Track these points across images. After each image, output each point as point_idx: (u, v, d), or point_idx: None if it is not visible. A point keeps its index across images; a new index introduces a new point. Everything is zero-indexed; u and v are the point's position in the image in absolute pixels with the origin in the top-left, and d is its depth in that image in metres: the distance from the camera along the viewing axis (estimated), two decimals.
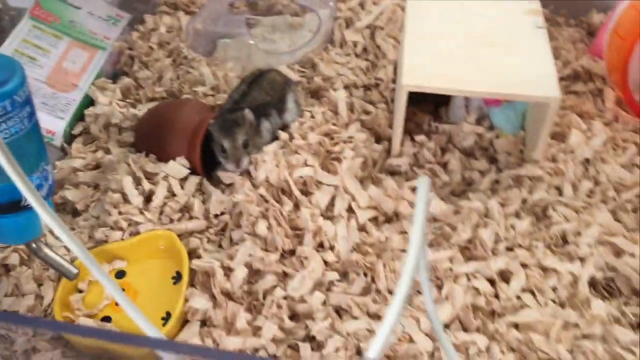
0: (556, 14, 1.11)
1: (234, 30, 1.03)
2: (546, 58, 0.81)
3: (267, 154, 0.79)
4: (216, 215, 0.78)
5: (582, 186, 0.81)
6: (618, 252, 0.73)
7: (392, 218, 0.78)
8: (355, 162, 0.79)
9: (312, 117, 0.88)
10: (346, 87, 0.96)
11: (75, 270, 0.67)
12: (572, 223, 0.75)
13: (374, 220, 0.77)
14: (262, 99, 0.85)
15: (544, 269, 0.71)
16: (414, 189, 0.80)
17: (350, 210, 0.77)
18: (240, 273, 0.69)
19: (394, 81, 0.96)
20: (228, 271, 0.70)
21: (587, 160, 0.84)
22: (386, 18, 1.05)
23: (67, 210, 0.79)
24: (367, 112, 0.92)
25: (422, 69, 0.79)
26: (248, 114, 0.80)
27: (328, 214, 0.77)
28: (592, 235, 0.74)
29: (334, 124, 0.87)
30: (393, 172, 0.85)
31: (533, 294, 0.69)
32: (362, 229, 0.76)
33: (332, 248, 0.74)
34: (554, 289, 0.70)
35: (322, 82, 0.96)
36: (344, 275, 0.73)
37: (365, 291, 0.70)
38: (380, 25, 1.04)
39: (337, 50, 1.03)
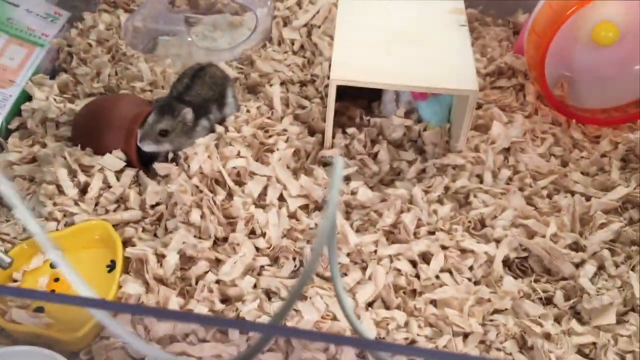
0: (485, 13, 1.17)
1: (173, 28, 1.06)
2: (467, 54, 0.86)
3: (199, 146, 0.81)
4: (152, 206, 0.80)
5: (501, 174, 0.86)
6: (531, 234, 0.78)
7: (322, 206, 0.81)
8: (287, 153, 0.82)
9: (248, 111, 0.91)
10: (283, 83, 1.00)
11: (8, 260, 0.68)
12: (489, 208, 0.80)
13: (305, 208, 0.81)
14: (204, 94, 0.88)
15: (462, 250, 0.76)
16: (344, 178, 0.84)
17: (281, 199, 0.80)
18: (173, 259, 0.72)
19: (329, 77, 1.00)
20: (161, 258, 0.73)
21: (507, 150, 0.90)
22: (322, 17, 1.08)
23: (2, 204, 0.80)
24: (302, 107, 0.96)
25: (350, 64, 0.83)
26: (187, 113, 0.82)
27: (260, 202, 0.80)
28: (507, 218, 0.79)
29: (268, 118, 0.91)
30: (325, 164, 0.88)
31: (451, 273, 0.74)
32: (292, 216, 0.79)
33: (263, 235, 0.77)
34: (471, 269, 0.75)
35: (259, 78, 0.99)
36: (275, 260, 0.76)
37: (294, 274, 0.74)
38: (317, 23, 1.08)
39: (275, 48, 1.06)
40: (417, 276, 0.74)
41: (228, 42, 1.08)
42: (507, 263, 0.77)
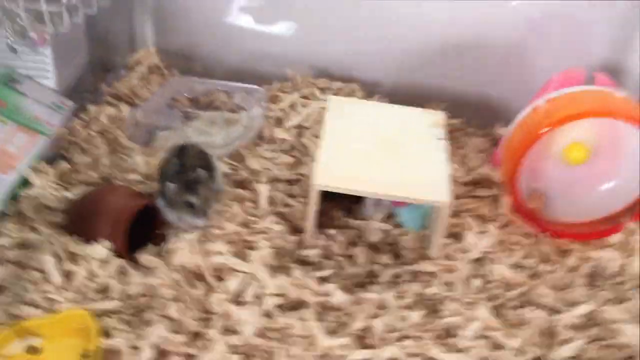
0: (468, 124, 1.24)
1: (171, 123, 1.12)
2: (442, 167, 0.92)
3: (183, 240, 0.85)
4: (133, 297, 0.83)
5: (472, 283, 0.90)
6: (497, 346, 0.81)
7: (298, 305, 0.84)
8: (267, 252, 0.86)
9: (231, 208, 0.95)
10: (271, 180, 1.05)
11: None
12: (458, 318, 0.83)
13: (280, 306, 0.84)
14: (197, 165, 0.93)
15: (430, 359, 0.78)
16: (320, 279, 0.87)
17: (258, 296, 0.83)
18: (147, 354, 0.74)
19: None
20: (135, 350, 0.75)
21: (479, 260, 0.94)
22: (313, 120, 1.15)
23: None
24: (287, 205, 1.00)
25: (332, 170, 0.89)
26: (201, 172, 0.91)
27: (238, 299, 0.83)
28: (474, 329, 0.82)
29: (253, 215, 0.95)
30: (304, 262, 0.92)
31: None
32: (267, 315, 0.82)
33: (236, 332, 0.79)
34: None
35: (249, 175, 1.04)
36: (247, 358, 0.78)
37: None
38: (307, 125, 1.15)
39: (266, 146, 1.12)
40: None
41: (223, 137, 1.14)
42: None
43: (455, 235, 0.97)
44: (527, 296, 0.89)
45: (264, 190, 1.01)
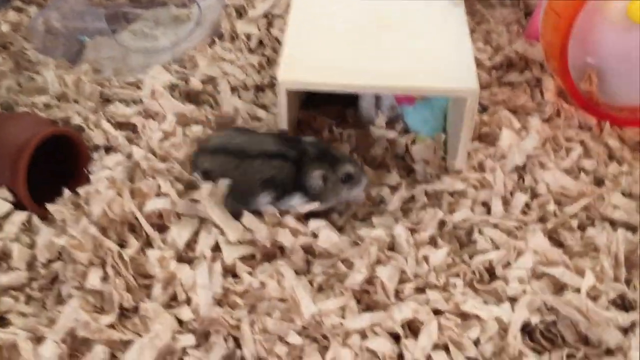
0: None
1: (99, 26, 0.85)
2: (463, 42, 0.65)
3: (102, 180, 0.61)
4: (44, 264, 0.60)
5: (515, 200, 0.64)
6: (559, 288, 0.57)
7: (273, 254, 0.60)
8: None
9: (176, 130, 0.70)
10: (234, 88, 0.79)
11: None
12: (501, 252, 0.59)
13: (249, 259, 0.60)
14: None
15: (464, 316, 0.54)
16: (303, 216, 0.62)
17: (217, 248, 0.59)
18: (48, 349, 0.51)
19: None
20: (40, 344, 0.52)
21: (521, 167, 0.68)
22: (285, 4, 0.87)
23: None
24: (257, 118, 0.75)
25: (304, 61, 0.62)
26: None
27: (189, 255, 0.59)
28: (525, 266, 0.57)
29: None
30: None
31: (448, 351, 0.52)
32: (230, 272, 0.58)
33: (188, 301, 0.56)
34: (476, 343, 0.53)
35: (203, 84, 0.78)
36: (204, 337, 0.55)
37: None
38: (278, 12, 0.87)
39: (226, 45, 0.85)
40: (401, 357, 0.52)
41: (171, 40, 0.88)
42: (527, 331, 0.55)
43: (485, 138, 0.72)
44: (593, 210, 0.64)
45: (225, 100, 0.75)
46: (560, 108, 0.76)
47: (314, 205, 0.61)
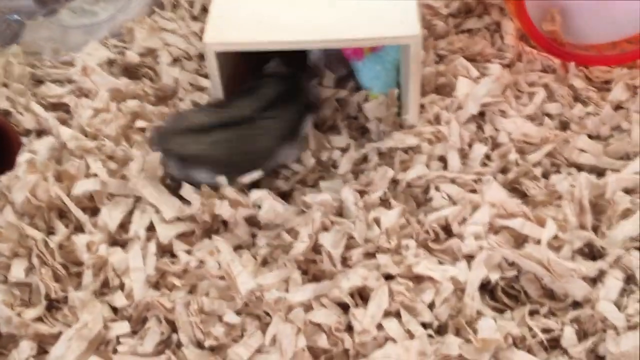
0: None
1: (36, 4, 0.81)
2: None
3: (21, 165, 0.57)
4: None
5: (474, 152, 0.60)
6: (519, 241, 0.52)
7: (215, 229, 0.56)
8: (154, 161, 0.57)
9: (117, 104, 0.65)
10: (176, 59, 0.74)
11: None
12: (455, 208, 0.54)
13: (187, 236, 0.56)
14: None
15: (417, 279, 0.50)
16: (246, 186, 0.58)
17: (152, 228, 0.55)
18: None
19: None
20: None
21: (480, 116, 0.63)
22: None
23: None
24: (200, 89, 0.70)
25: (233, 21, 0.57)
26: None
27: (122, 237, 0.55)
28: (482, 220, 0.53)
29: (141, 114, 0.65)
30: None
31: (400, 318, 0.49)
32: (166, 251, 0.54)
33: (122, 287, 0.52)
34: (431, 306, 0.49)
35: (141, 56, 0.73)
36: (141, 323, 0.51)
37: (161, 349, 0.49)
38: None
39: (167, 14, 0.80)
40: (349, 328, 0.49)
41: (110, 13, 0.83)
42: (487, 289, 0.51)
43: (442, 89, 0.67)
44: (559, 156, 0.60)
45: (164, 72, 0.70)
46: (522, 52, 0.71)
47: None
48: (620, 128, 0.63)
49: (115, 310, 0.51)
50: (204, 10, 0.81)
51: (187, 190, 0.56)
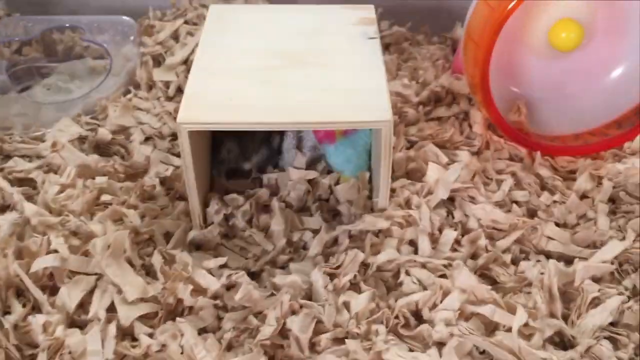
0: (415, 31, 0.94)
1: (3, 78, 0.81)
2: (377, 75, 0.61)
3: None
4: None
5: (444, 237, 0.60)
6: (490, 328, 0.52)
7: (180, 311, 0.54)
8: (121, 238, 0.56)
9: (84, 180, 0.64)
10: (148, 137, 0.74)
11: None
12: (426, 293, 0.54)
13: (151, 317, 0.53)
14: None
15: None
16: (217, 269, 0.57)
17: (112, 308, 0.53)
18: None
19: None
20: None
21: (450, 201, 0.64)
22: None
23: None
24: (173, 167, 0.70)
25: (209, 100, 0.58)
26: None
27: (82, 317, 0.53)
28: (452, 306, 0.52)
29: (112, 192, 0.64)
30: (199, 246, 0.62)
31: None
32: (127, 333, 0.52)
33: None
34: None
35: (114, 134, 0.73)
36: None
37: None
38: None
39: (142, 94, 0.81)
40: None
41: (85, 92, 0.83)
42: None
43: (413, 174, 0.68)
44: (527, 243, 0.60)
45: (136, 149, 0.70)
46: (490, 140, 0.73)
47: None
48: (586, 216, 0.64)
49: None
50: (179, 91, 0.82)
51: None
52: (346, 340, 0.50)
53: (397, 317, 0.52)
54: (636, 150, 0.69)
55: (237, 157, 0.67)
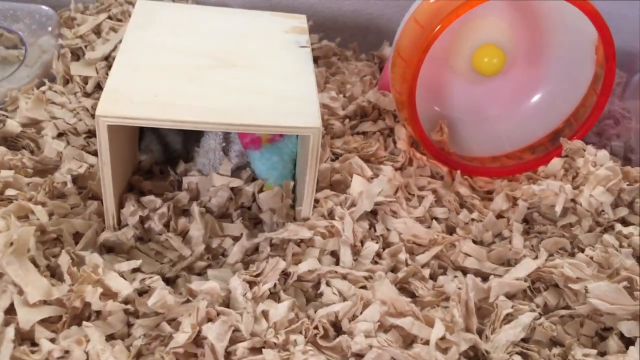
0: (344, 46, 0.95)
1: None
2: (307, 82, 0.61)
3: None
4: None
5: (366, 250, 0.60)
6: (409, 340, 0.52)
7: (87, 315, 0.51)
8: (25, 235, 0.52)
9: None
10: (62, 133, 0.70)
11: None
12: (346, 304, 0.53)
13: (54, 322, 0.50)
14: None
15: None
16: (130, 272, 0.54)
17: (10, 310, 0.49)
18: None
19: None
20: None
21: (373, 214, 0.64)
22: None
23: None
24: (90, 165, 0.66)
25: (129, 94, 0.55)
26: None
27: None
28: (372, 318, 0.52)
29: (17, 186, 0.60)
30: (111, 249, 0.59)
31: None
32: (26, 338, 0.48)
33: None
34: None
35: (23, 127, 0.69)
36: None
37: None
38: None
39: (58, 88, 0.77)
40: None
41: None
42: None
43: (337, 186, 0.68)
44: (446, 259, 0.61)
45: (47, 144, 0.66)
46: (413, 157, 0.74)
47: None
48: (502, 235, 0.66)
49: None
50: (99, 87, 0.78)
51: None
52: (263, 350, 0.49)
53: (316, 327, 0.51)
54: (550, 173, 0.72)
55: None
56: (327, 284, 0.56)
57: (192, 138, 0.68)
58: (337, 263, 0.59)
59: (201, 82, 0.58)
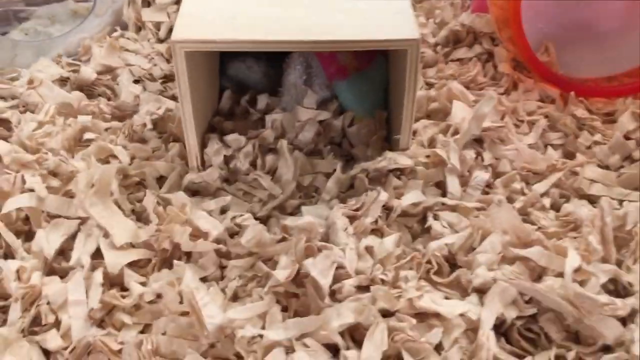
0: None
1: None
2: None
3: None
4: None
5: (475, 179, 0.53)
6: (537, 273, 0.45)
7: (177, 257, 0.47)
8: (107, 174, 0.48)
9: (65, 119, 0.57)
10: (138, 80, 0.67)
11: None
12: (461, 235, 0.47)
13: (141, 265, 0.46)
14: None
15: (420, 316, 0.42)
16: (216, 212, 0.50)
17: (98, 254, 0.46)
18: None
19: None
20: None
21: (478, 142, 0.57)
22: None
23: None
24: (168, 109, 0.62)
25: (204, 17, 0.50)
26: None
27: (62, 265, 0.45)
28: (494, 248, 0.45)
29: (96, 130, 0.57)
30: (196, 192, 0.55)
31: None
32: (115, 283, 0.45)
33: (57, 324, 0.42)
34: (438, 348, 0.41)
35: (99, 74, 0.66)
36: None
37: None
38: None
39: (131, 35, 0.73)
40: None
41: (67, 36, 0.75)
42: (501, 330, 0.43)
43: (435, 115, 0.61)
44: (567, 187, 0.54)
45: (124, 89, 0.63)
46: (518, 80, 0.66)
47: None
48: (632, 157, 0.57)
49: (47, 353, 0.41)
50: (172, 33, 0.74)
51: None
52: (371, 287, 0.43)
53: (428, 262, 0.45)
54: None
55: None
56: (435, 218, 0.50)
57: (272, 75, 0.63)
58: (443, 195, 0.52)
59: (284, 3, 0.52)
